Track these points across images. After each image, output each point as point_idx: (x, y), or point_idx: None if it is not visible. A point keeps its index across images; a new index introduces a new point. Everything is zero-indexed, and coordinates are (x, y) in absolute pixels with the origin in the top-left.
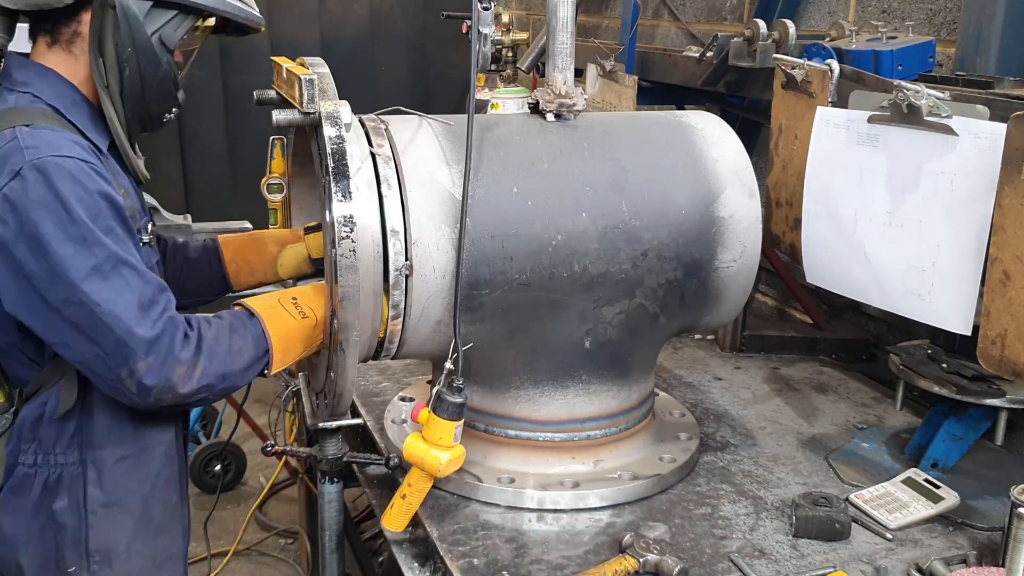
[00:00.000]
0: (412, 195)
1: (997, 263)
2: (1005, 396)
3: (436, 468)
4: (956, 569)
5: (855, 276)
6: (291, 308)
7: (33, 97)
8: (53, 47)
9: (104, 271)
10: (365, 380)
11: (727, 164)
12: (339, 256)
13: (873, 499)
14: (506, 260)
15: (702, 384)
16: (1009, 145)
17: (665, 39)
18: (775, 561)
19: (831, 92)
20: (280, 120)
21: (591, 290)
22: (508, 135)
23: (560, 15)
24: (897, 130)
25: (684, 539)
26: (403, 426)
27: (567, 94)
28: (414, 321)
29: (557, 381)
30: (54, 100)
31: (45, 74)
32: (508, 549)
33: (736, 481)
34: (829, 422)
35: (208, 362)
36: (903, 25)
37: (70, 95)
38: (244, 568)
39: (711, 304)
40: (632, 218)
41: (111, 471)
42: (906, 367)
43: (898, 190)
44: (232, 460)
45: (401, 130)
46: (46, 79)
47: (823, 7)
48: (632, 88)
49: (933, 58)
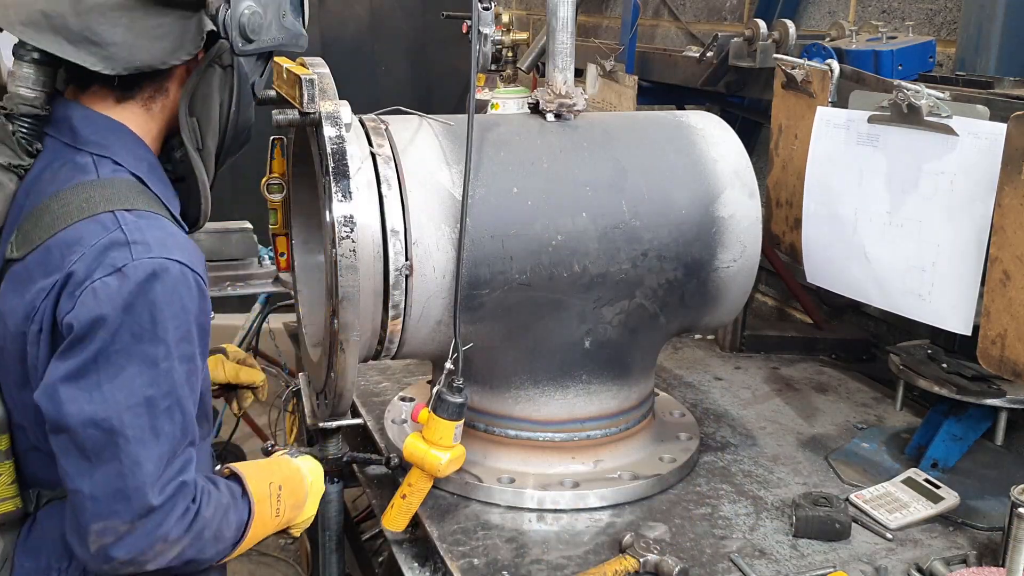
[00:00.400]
0: (412, 195)
1: (997, 263)
2: (1005, 396)
3: (436, 468)
4: (956, 569)
5: (855, 276)
6: (274, 503)
7: (115, 165)
8: (125, 102)
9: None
10: (365, 380)
11: (727, 164)
12: (339, 256)
13: (873, 499)
14: (506, 260)
15: (702, 384)
16: (1009, 145)
17: (665, 39)
18: (775, 561)
19: (831, 92)
20: (280, 120)
21: (591, 290)
22: (508, 135)
23: (560, 15)
24: (897, 130)
25: (684, 539)
26: (403, 426)
27: (567, 94)
28: (414, 321)
29: (557, 381)
30: (136, 167)
31: (120, 133)
32: (508, 549)
33: (736, 481)
34: (829, 422)
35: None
36: (903, 25)
37: (146, 159)
38: (244, 568)
39: (711, 304)
40: (632, 218)
41: None
42: (906, 367)
43: (898, 190)
44: (232, 460)
45: (401, 130)
46: (123, 140)
47: (823, 7)
48: (632, 88)
49: (933, 58)
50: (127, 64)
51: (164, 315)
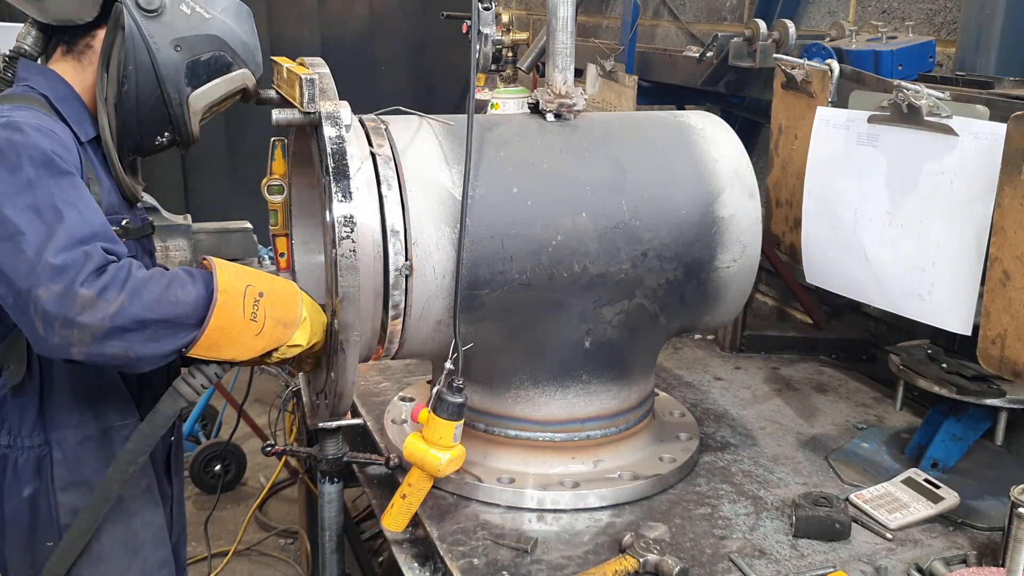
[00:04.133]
0: (412, 195)
1: (997, 263)
2: (1005, 396)
3: (436, 468)
4: (956, 569)
5: (855, 276)
6: (249, 304)
7: (28, 88)
8: (66, 56)
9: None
10: (365, 380)
11: (727, 164)
12: (339, 256)
13: (873, 499)
14: (506, 260)
15: (702, 384)
16: (1009, 145)
17: (665, 39)
18: (775, 561)
19: (831, 92)
20: (280, 120)
21: (591, 290)
22: (508, 135)
23: (560, 15)
24: (897, 130)
25: (684, 539)
26: (403, 426)
27: (567, 94)
28: (414, 321)
29: (557, 381)
30: (46, 90)
31: (45, 72)
32: (508, 549)
33: (736, 481)
34: (829, 422)
35: (128, 300)
36: (903, 25)
37: (64, 90)
38: (244, 568)
39: (711, 304)
40: (632, 218)
41: (75, 451)
42: (906, 367)
43: (898, 190)
44: (232, 460)
45: (401, 130)
46: (45, 76)
47: (823, 7)
48: (632, 88)
49: (933, 58)
50: (55, 16)
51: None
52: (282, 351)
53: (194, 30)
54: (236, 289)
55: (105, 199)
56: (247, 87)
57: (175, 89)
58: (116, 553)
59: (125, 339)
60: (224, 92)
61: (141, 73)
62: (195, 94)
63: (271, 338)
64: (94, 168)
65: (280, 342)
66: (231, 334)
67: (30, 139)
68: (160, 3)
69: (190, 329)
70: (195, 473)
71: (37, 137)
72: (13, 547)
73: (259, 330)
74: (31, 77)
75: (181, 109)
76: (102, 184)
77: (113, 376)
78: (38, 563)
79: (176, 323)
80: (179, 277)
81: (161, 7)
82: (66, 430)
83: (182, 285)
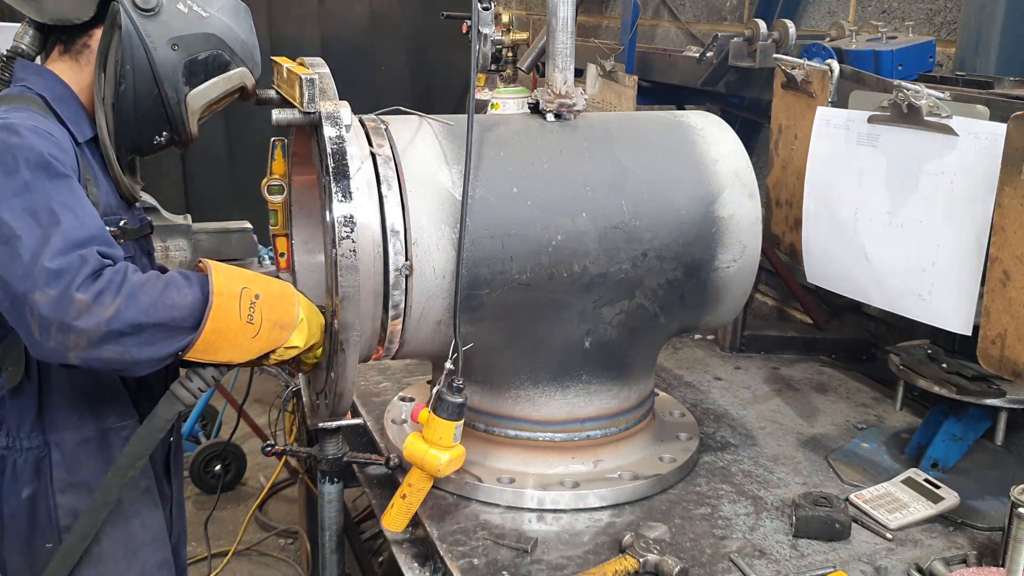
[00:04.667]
0: (412, 195)
1: (997, 263)
2: (1005, 396)
3: (436, 468)
4: (956, 569)
5: (855, 276)
6: (245, 306)
7: (25, 88)
8: (64, 56)
9: (36, 211)
10: (365, 380)
11: (727, 164)
12: (339, 256)
13: (873, 499)
14: (506, 260)
15: (702, 384)
16: (1009, 145)
17: (665, 39)
18: (775, 561)
19: (831, 92)
20: (280, 120)
21: (591, 290)
22: (508, 135)
23: (560, 15)
24: (897, 130)
25: (684, 539)
26: (403, 426)
27: (567, 94)
28: (414, 321)
29: (557, 381)
30: (43, 91)
31: (42, 72)
32: (508, 549)
33: (736, 481)
34: (829, 422)
35: (124, 304)
36: (903, 25)
37: (61, 90)
38: (244, 568)
39: (711, 304)
40: (632, 218)
41: (74, 453)
42: (906, 367)
43: (898, 190)
44: (232, 460)
45: (401, 130)
46: (42, 76)
47: (823, 7)
48: (632, 88)
49: (933, 58)
50: (52, 15)
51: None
52: (279, 353)
53: (191, 29)
54: (232, 292)
55: (103, 199)
56: (245, 86)
57: (173, 88)
58: (115, 555)
59: (121, 343)
60: (222, 91)
61: (138, 72)
62: (193, 93)
63: (268, 340)
64: (92, 168)
65: (277, 344)
66: (228, 337)
67: (26, 141)
68: (157, 2)
69: (186, 332)
70: (195, 473)
71: (33, 139)
72: (12, 548)
73: (256, 332)
74: (28, 77)
75: (179, 108)
76: (100, 184)
77: (112, 378)
78: (37, 565)
79: (172, 327)
80: (175, 280)
81: (158, 6)
82: (65, 431)
83: (178, 288)
